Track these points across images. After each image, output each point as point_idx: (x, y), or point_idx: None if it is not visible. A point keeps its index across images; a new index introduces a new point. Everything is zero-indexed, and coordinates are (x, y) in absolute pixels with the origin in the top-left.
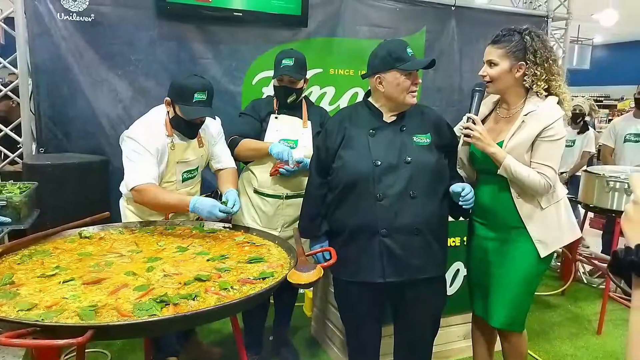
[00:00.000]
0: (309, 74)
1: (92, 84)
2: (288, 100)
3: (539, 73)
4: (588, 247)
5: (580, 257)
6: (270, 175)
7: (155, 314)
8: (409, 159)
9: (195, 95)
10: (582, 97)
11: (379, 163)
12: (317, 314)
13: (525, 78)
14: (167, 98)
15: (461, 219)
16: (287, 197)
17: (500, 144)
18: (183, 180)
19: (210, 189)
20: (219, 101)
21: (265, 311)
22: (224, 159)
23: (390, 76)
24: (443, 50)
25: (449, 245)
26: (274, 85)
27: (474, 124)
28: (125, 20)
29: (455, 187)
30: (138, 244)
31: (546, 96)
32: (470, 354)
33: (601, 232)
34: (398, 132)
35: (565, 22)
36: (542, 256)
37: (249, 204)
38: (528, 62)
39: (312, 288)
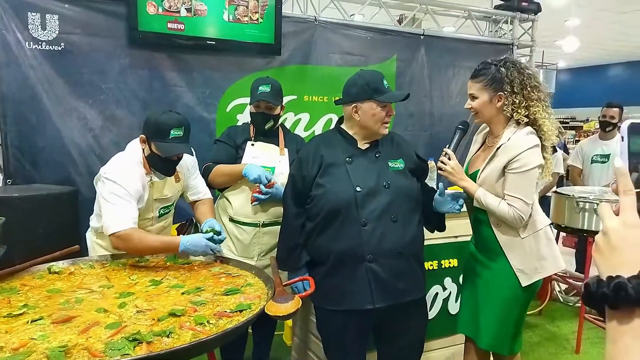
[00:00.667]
0: (284, 100)
1: (62, 114)
2: (266, 127)
3: (517, 101)
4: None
5: (556, 277)
6: (252, 203)
7: (127, 354)
8: (388, 183)
9: (172, 132)
10: None
11: (360, 189)
12: (297, 344)
13: (505, 107)
14: (142, 135)
15: (435, 240)
16: (264, 224)
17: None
18: (159, 216)
19: (184, 217)
20: (193, 129)
21: (244, 342)
22: (200, 190)
23: (366, 106)
24: (413, 77)
25: (426, 269)
26: (250, 112)
27: (449, 159)
28: (96, 49)
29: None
30: (109, 278)
31: (527, 124)
32: None
33: (574, 250)
34: (374, 159)
35: (530, 49)
36: (523, 285)
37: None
38: (505, 92)
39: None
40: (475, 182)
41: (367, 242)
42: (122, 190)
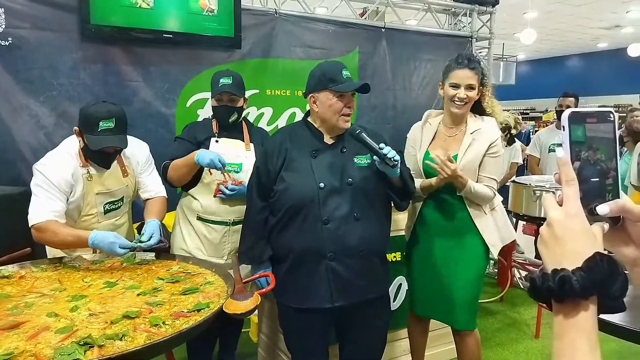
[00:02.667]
0: (246, 94)
1: (11, 111)
2: (230, 120)
3: (487, 93)
4: (522, 253)
5: (515, 264)
6: (214, 196)
7: (78, 359)
8: (351, 180)
9: (101, 123)
10: (507, 111)
11: (323, 186)
12: (264, 341)
13: (481, 100)
14: (76, 127)
15: (399, 232)
16: (234, 222)
17: (455, 158)
18: (105, 212)
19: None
20: (151, 124)
21: (211, 343)
22: (151, 188)
23: (323, 96)
24: (376, 70)
25: (390, 260)
26: (213, 106)
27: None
28: (46, 43)
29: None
30: (62, 281)
31: (480, 113)
32: None
33: (534, 237)
34: (339, 154)
35: (488, 42)
36: (494, 256)
37: (192, 232)
38: (485, 85)
39: (256, 313)
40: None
41: (329, 241)
42: (46, 182)
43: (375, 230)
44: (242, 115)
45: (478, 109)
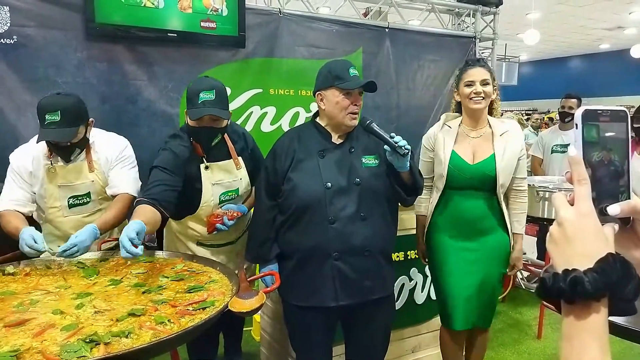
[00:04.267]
0: (250, 94)
1: (16, 109)
2: (212, 144)
3: (498, 99)
4: (524, 254)
5: None
6: (208, 233)
7: (84, 356)
8: (358, 180)
9: (46, 116)
10: (511, 111)
11: (330, 185)
12: (266, 339)
13: (493, 102)
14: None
15: (402, 232)
16: (238, 238)
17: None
18: (70, 207)
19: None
20: (156, 123)
21: (214, 342)
22: (116, 184)
23: (329, 94)
24: (380, 70)
25: (393, 260)
26: (189, 125)
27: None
28: (51, 42)
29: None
30: (67, 278)
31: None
32: None
33: (535, 238)
34: (347, 154)
35: (492, 42)
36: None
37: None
38: (496, 85)
39: (259, 312)
40: (495, 169)
41: (334, 240)
42: (11, 170)
43: (381, 231)
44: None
45: (491, 111)
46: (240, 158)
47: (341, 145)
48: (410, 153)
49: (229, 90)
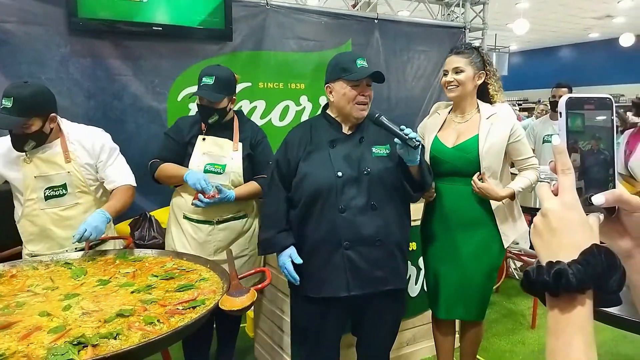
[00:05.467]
0: (238, 88)
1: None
2: (209, 121)
3: (497, 85)
4: (517, 244)
5: (511, 254)
6: (191, 204)
7: (72, 359)
8: (368, 170)
9: (3, 101)
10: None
11: (341, 175)
12: (260, 336)
13: (488, 87)
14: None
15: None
16: (219, 222)
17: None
18: (46, 199)
19: (136, 211)
20: (143, 119)
21: (207, 340)
22: (113, 178)
23: (337, 86)
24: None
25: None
26: (197, 104)
27: (481, 180)
28: (34, 37)
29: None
30: (54, 279)
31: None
32: (418, 358)
33: (528, 228)
34: (357, 144)
35: (482, 33)
36: (505, 247)
37: (179, 231)
38: (488, 72)
39: (253, 308)
40: (476, 150)
41: (344, 229)
42: None
43: (392, 221)
44: (230, 114)
45: (486, 96)
46: (240, 143)
47: (351, 135)
48: (421, 147)
49: None
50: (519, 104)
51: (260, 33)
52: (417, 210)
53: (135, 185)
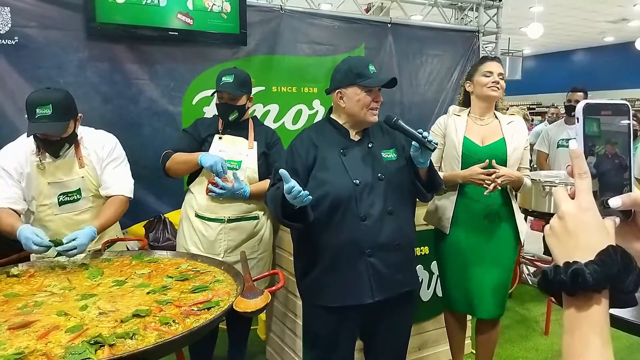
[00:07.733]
0: (252, 92)
1: (18, 110)
2: (230, 118)
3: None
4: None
5: (524, 260)
6: (207, 194)
7: (89, 358)
8: (382, 175)
9: (37, 110)
10: (516, 106)
11: (358, 182)
12: (273, 339)
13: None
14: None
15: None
16: (229, 220)
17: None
18: (60, 204)
19: (151, 214)
20: (158, 123)
21: (212, 341)
22: (109, 185)
23: (350, 92)
24: (382, 66)
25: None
26: (215, 103)
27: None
28: (53, 42)
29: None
30: (71, 280)
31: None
32: None
33: (542, 233)
34: (367, 150)
35: (496, 36)
36: (522, 241)
37: (190, 229)
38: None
39: (265, 311)
40: (505, 151)
41: (366, 236)
42: (1, 169)
43: (406, 223)
44: (247, 113)
45: (496, 107)
46: (255, 142)
47: (360, 141)
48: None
49: None
50: (531, 109)
51: (274, 37)
52: (419, 215)
53: (131, 196)
